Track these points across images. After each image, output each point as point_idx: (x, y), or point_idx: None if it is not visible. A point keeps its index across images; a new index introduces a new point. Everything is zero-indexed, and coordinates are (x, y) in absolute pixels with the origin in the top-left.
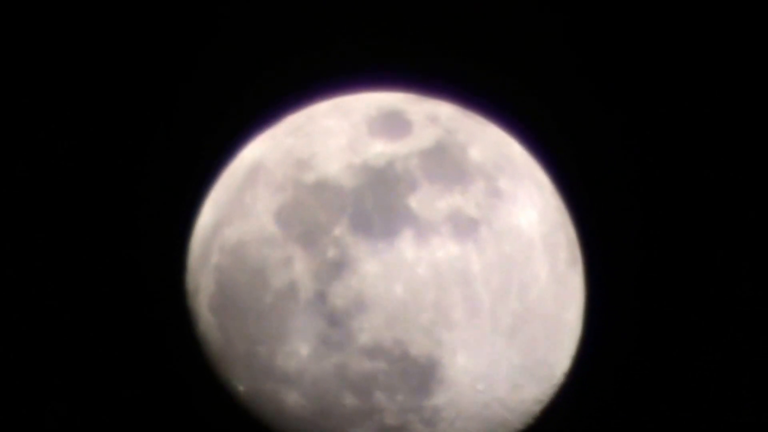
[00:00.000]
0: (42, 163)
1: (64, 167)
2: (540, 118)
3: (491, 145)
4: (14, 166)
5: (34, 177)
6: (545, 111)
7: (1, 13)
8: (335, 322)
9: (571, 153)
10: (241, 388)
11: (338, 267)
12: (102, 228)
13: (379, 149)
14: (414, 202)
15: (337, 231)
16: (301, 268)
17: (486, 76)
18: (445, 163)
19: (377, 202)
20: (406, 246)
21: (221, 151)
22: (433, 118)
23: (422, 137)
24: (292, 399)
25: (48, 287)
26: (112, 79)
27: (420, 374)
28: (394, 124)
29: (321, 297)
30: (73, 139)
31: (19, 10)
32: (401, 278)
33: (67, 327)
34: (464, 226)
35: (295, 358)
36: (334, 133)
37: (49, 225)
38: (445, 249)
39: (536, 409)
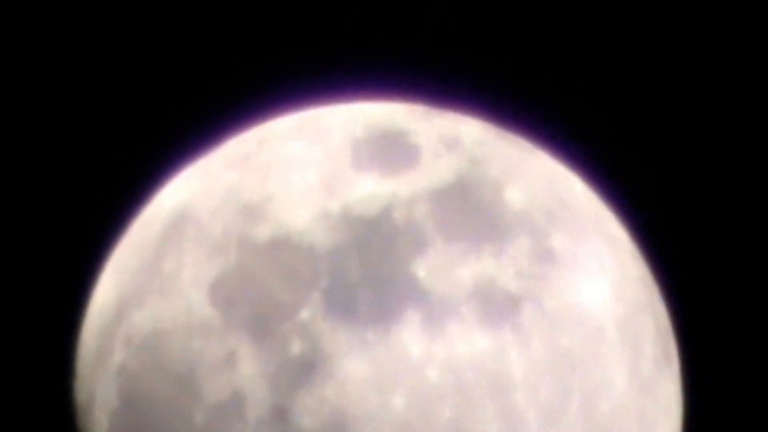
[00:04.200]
0: None
1: None
2: (614, 142)
3: (540, 182)
4: None
5: None
6: (622, 132)
7: None
8: None
9: (663, 196)
10: None
11: (307, 369)
12: None
13: (370, 189)
14: (422, 269)
15: (305, 314)
16: (250, 372)
17: (532, 80)
18: (469, 210)
19: (366, 271)
20: (410, 337)
21: (128, 193)
22: (451, 141)
23: (435, 171)
24: None
25: None
26: None
27: None
28: (391, 151)
29: (280, 415)
30: None
31: None
32: (403, 386)
33: None
34: (499, 307)
35: None
36: (301, 165)
37: None
38: (469, 341)
39: None
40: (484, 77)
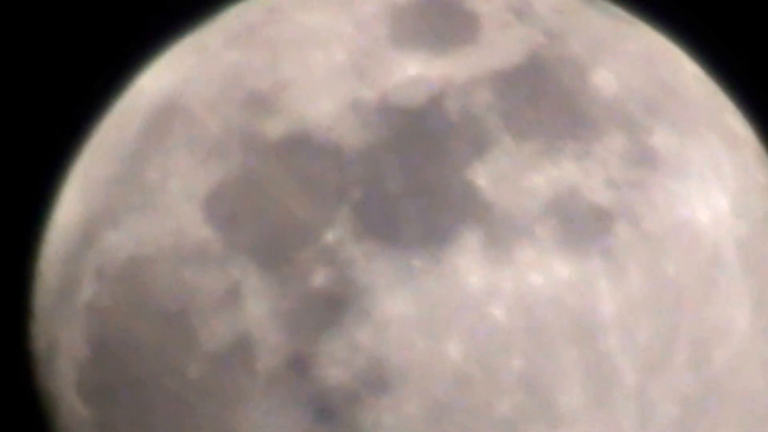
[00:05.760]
0: None
1: None
2: (737, 10)
3: (638, 62)
4: None
5: None
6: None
7: None
8: (328, 416)
9: None
10: None
11: (334, 307)
12: None
13: (414, 72)
14: (483, 176)
15: (331, 235)
16: (259, 311)
17: None
18: (545, 98)
19: (410, 178)
20: (469, 264)
21: (98, 78)
22: (521, 7)
23: (499, 47)
24: None
25: None
26: None
27: None
28: (442, 21)
29: (300, 366)
30: None
31: None
32: (459, 329)
33: None
34: (584, 226)
35: None
36: (324, 40)
37: None
38: (545, 270)
39: None
40: None
